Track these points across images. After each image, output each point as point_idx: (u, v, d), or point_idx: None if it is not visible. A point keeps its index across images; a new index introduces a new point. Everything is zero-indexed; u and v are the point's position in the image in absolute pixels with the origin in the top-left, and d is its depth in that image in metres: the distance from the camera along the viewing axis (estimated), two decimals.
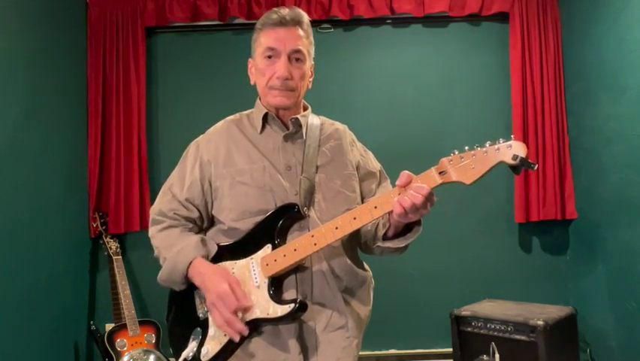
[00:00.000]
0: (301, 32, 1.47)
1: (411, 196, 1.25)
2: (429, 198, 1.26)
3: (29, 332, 2.65)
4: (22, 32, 2.71)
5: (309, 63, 1.52)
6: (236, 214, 1.46)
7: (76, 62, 3.23)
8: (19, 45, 2.67)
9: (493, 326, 2.54)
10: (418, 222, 1.39)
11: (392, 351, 3.29)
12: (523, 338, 2.45)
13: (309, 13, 3.24)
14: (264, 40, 1.47)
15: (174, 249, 1.47)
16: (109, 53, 3.28)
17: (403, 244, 1.40)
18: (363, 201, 1.55)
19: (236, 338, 1.37)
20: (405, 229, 1.41)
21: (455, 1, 3.31)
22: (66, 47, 3.12)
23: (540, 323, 2.40)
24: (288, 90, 1.47)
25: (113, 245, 3.12)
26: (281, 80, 1.44)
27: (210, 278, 1.40)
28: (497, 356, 2.47)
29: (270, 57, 1.46)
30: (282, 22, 1.45)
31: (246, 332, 1.36)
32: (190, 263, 1.44)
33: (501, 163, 1.22)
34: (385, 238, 1.42)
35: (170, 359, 2.86)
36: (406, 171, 1.29)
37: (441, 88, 3.40)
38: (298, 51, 1.46)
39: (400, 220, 1.32)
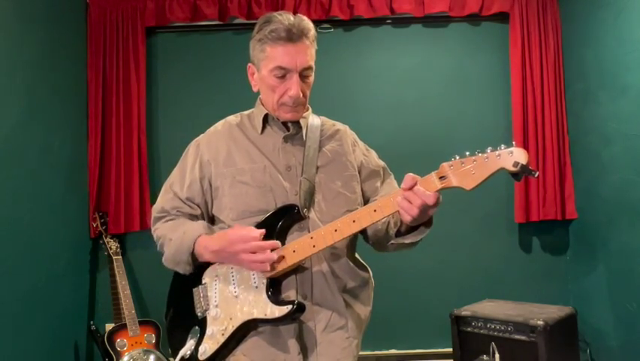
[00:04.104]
0: (308, 43, 1.44)
1: (411, 198, 1.26)
2: (433, 203, 1.26)
3: (29, 332, 2.65)
4: (22, 32, 2.71)
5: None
6: (236, 214, 1.46)
7: (76, 62, 3.23)
8: (19, 45, 2.67)
9: (493, 326, 2.54)
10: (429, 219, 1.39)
11: (392, 351, 3.30)
12: (523, 338, 2.44)
13: (308, 13, 3.26)
14: (272, 55, 1.42)
15: (180, 230, 1.48)
16: (109, 53, 3.28)
17: (417, 239, 1.40)
18: (367, 201, 1.55)
19: (275, 257, 1.36)
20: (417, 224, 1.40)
21: (455, 1, 3.31)
22: (66, 47, 3.12)
23: (540, 323, 2.40)
24: (299, 105, 1.47)
25: (113, 245, 3.12)
26: (293, 98, 1.43)
27: (219, 242, 1.41)
28: (497, 356, 2.47)
29: (280, 76, 1.43)
30: (291, 38, 1.40)
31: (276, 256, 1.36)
32: (196, 241, 1.44)
33: (502, 170, 1.22)
34: (399, 234, 1.42)
35: (170, 359, 2.86)
36: (411, 174, 1.28)
37: (441, 88, 3.39)
38: (309, 68, 1.45)
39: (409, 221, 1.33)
